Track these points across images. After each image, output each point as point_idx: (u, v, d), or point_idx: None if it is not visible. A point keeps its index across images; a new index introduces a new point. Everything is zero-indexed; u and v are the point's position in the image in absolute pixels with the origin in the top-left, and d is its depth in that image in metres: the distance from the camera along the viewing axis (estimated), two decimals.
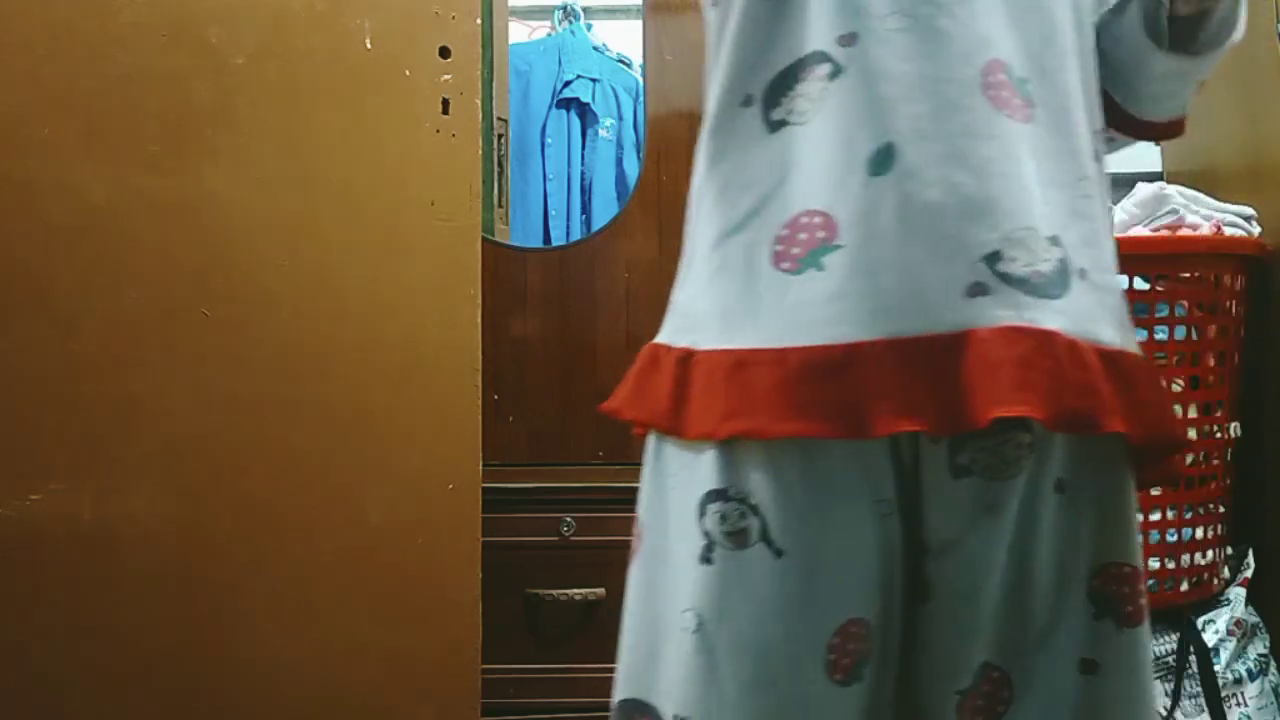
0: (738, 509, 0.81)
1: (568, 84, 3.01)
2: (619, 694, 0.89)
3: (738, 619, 0.81)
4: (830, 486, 0.80)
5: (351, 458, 1.57)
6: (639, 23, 2.29)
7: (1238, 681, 1.58)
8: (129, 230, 1.58)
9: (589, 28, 3.10)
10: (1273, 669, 1.63)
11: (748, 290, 0.82)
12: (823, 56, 0.82)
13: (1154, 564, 1.57)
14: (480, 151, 1.64)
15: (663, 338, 0.89)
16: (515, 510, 1.99)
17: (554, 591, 1.98)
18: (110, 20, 1.59)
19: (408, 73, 1.61)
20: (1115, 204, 1.63)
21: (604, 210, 2.90)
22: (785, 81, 0.83)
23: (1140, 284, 1.57)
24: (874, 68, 0.80)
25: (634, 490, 1.95)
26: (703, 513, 0.82)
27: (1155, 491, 1.56)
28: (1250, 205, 1.70)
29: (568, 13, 3.08)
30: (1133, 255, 1.57)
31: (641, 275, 2.13)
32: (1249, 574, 1.67)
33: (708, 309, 0.85)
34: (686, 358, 0.84)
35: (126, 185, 1.58)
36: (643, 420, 0.87)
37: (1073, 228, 0.82)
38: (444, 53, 1.62)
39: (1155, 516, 1.57)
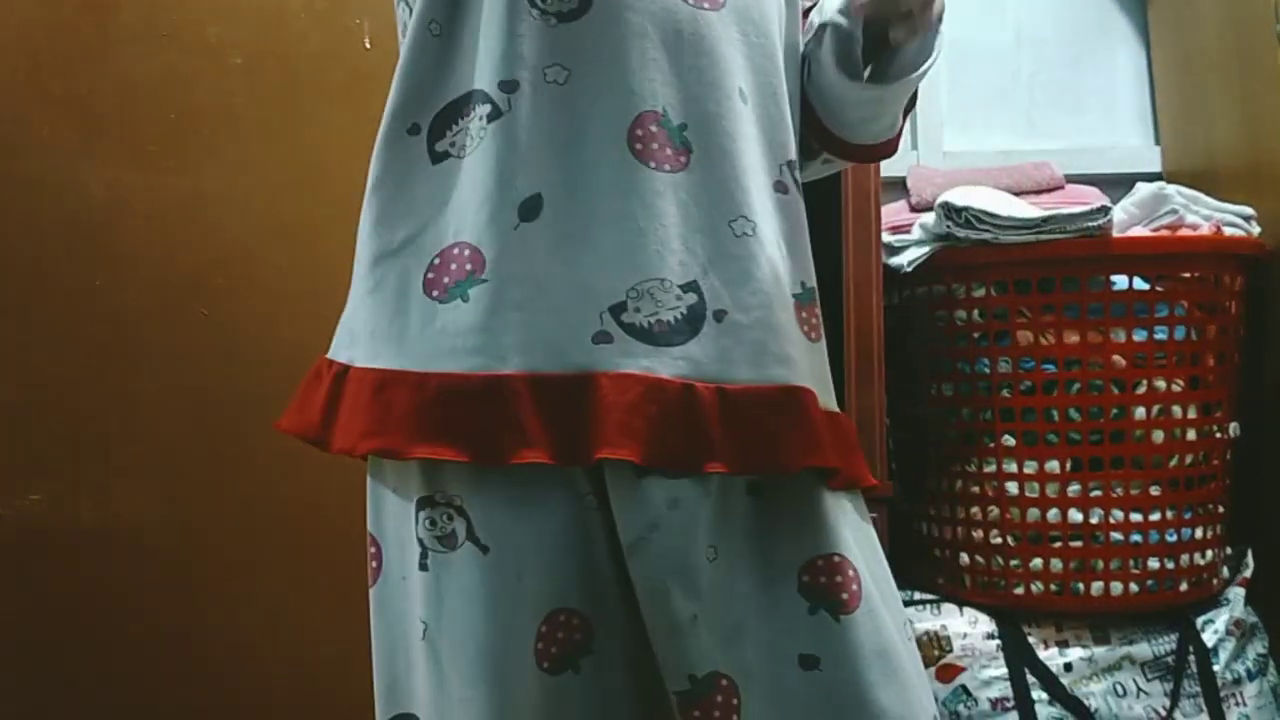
0: (445, 512, 0.84)
1: None
2: (383, 714, 0.91)
3: (454, 619, 0.84)
4: (528, 481, 0.83)
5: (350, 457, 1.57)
6: None
7: (1237, 682, 1.58)
8: (129, 230, 1.58)
9: None
10: (1272, 669, 1.63)
11: (398, 313, 0.86)
12: (484, 97, 0.86)
13: (1154, 564, 1.57)
14: None
15: (330, 352, 0.93)
16: None
17: None
18: (110, 20, 1.59)
19: None
20: (1115, 204, 1.63)
21: None
22: (450, 115, 0.87)
23: (1140, 284, 1.57)
24: (530, 116, 0.85)
25: None
26: (416, 520, 0.85)
27: (1155, 491, 1.56)
28: (1250, 205, 1.70)
29: None
30: (1132, 255, 1.57)
31: None
32: (1248, 574, 1.67)
33: (362, 327, 0.89)
34: (343, 373, 0.88)
35: (126, 185, 1.58)
36: (296, 432, 0.91)
37: (716, 271, 0.86)
38: None
39: (1155, 516, 1.57)
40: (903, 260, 1.62)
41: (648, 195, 0.85)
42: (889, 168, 1.48)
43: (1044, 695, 1.53)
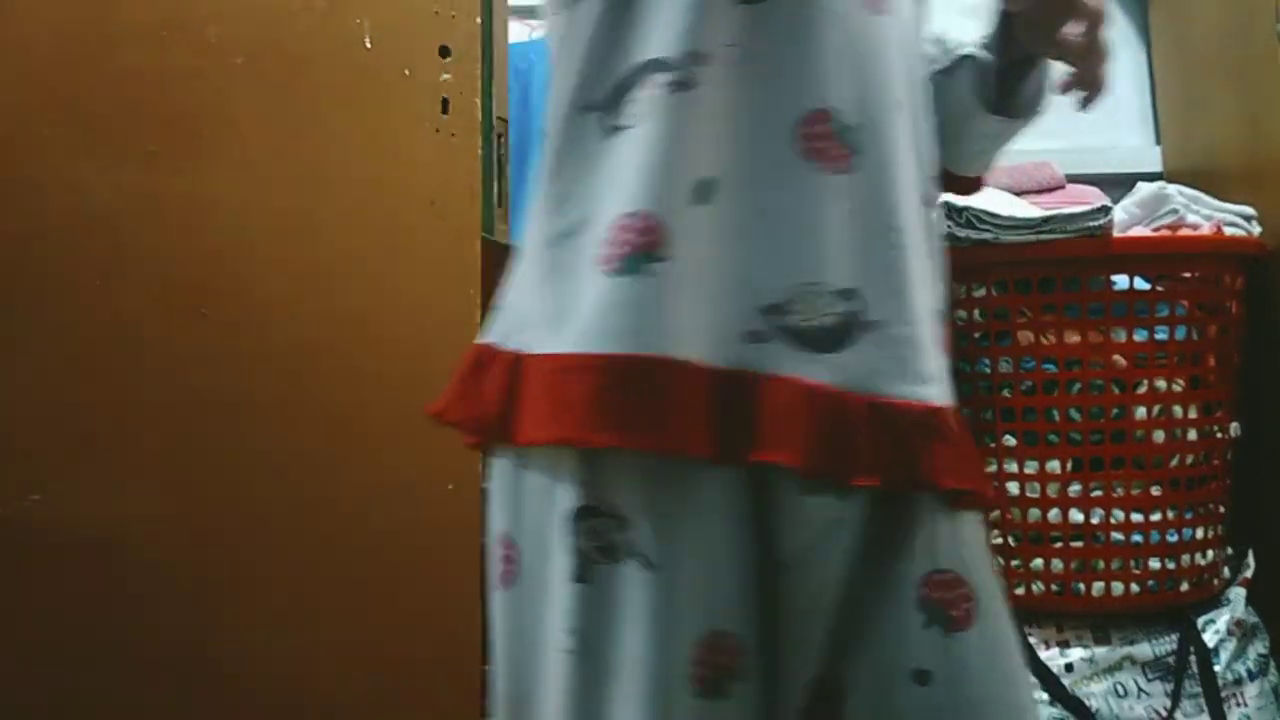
0: (608, 523, 0.81)
1: None
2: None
3: (616, 636, 0.81)
4: (691, 495, 0.81)
5: (351, 457, 1.57)
6: None
7: (1237, 682, 1.58)
8: (129, 230, 1.58)
9: None
10: (1273, 669, 1.63)
11: (573, 293, 0.83)
12: (663, 65, 0.83)
13: (1154, 564, 1.57)
14: (480, 151, 1.64)
15: (491, 338, 0.89)
16: None
17: None
18: (110, 20, 1.59)
19: (408, 72, 1.61)
20: (1116, 203, 1.63)
21: None
22: (625, 88, 0.84)
23: (1141, 284, 1.57)
24: (712, 94, 0.82)
25: None
26: (573, 529, 0.82)
27: (1156, 491, 1.56)
28: (1250, 205, 1.70)
29: None
30: (1133, 255, 1.58)
31: None
32: (1249, 574, 1.67)
33: (535, 311, 0.86)
34: (516, 361, 0.85)
35: (126, 185, 1.58)
36: (468, 423, 0.88)
37: (873, 280, 0.84)
38: (444, 52, 1.62)
39: (1156, 516, 1.57)
40: None
41: (812, 195, 0.83)
42: None
43: (1045, 695, 1.53)
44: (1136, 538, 1.56)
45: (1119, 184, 1.80)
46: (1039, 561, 1.57)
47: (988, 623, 0.87)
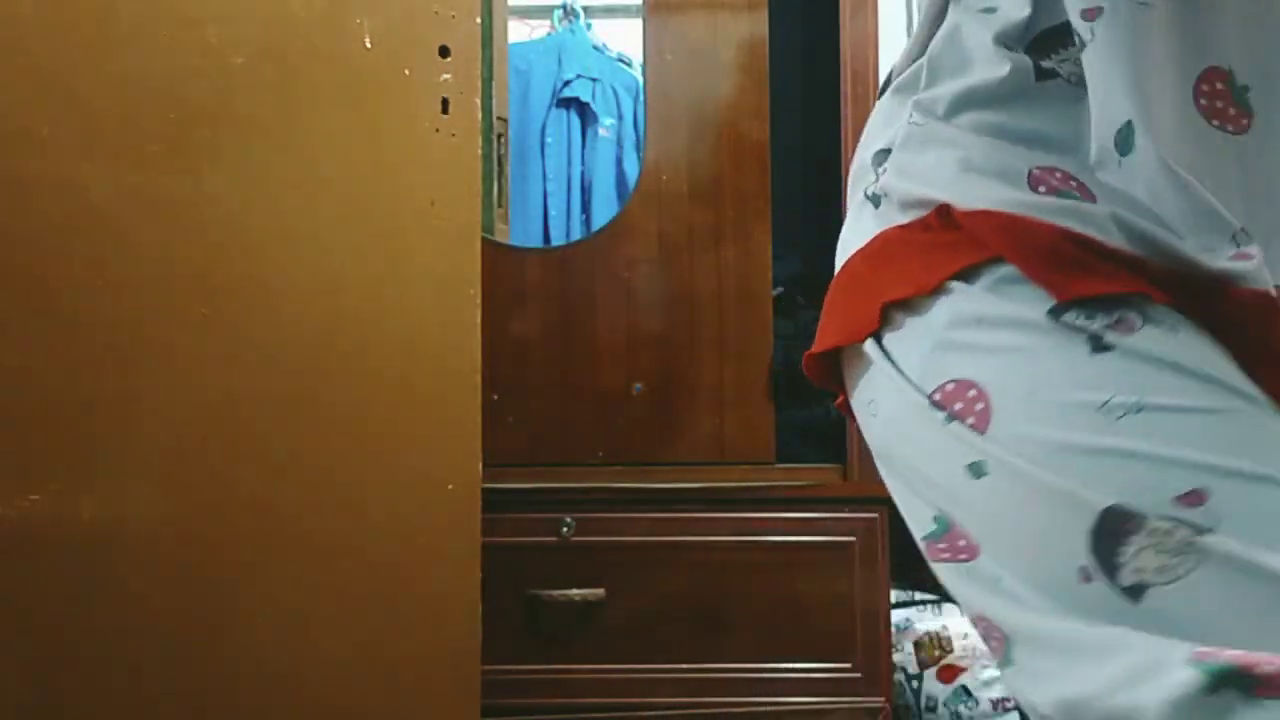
0: (1104, 304, 0.77)
1: (567, 83, 3.01)
2: (1108, 499, 0.75)
3: (1160, 387, 0.76)
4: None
5: (351, 458, 1.57)
6: (639, 22, 2.29)
7: None
8: (129, 230, 1.58)
9: (589, 27, 3.10)
10: None
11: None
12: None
13: None
14: (480, 151, 1.64)
15: (986, 203, 0.81)
16: (515, 510, 1.99)
17: (554, 592, 1.98)
18: (110, 20, 1.59)
19: (407, 72, 1.61)
20: None
21: (604, 210, 2.91)
22: (1055, 31, 0.83)
23: None
24: (1124, 40, 0.80)
25: (634, 490, 2.01)
26: (1069, 319, 0.77)
27: None
28: None
29: (567, 12, 3.08)
30: None
31: (642, 275, 2.13)
32: None
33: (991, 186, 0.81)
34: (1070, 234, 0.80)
35: (126, 185, 1.58)
36: (1080, 292, 0.78)
37: (1275, 244, 0.83)
38: (444, 52, 1.62)
39: None
40: None
41: (1211, 152, 0.82)
42: None
43: None
44: None
45: None
46: None
47: None
